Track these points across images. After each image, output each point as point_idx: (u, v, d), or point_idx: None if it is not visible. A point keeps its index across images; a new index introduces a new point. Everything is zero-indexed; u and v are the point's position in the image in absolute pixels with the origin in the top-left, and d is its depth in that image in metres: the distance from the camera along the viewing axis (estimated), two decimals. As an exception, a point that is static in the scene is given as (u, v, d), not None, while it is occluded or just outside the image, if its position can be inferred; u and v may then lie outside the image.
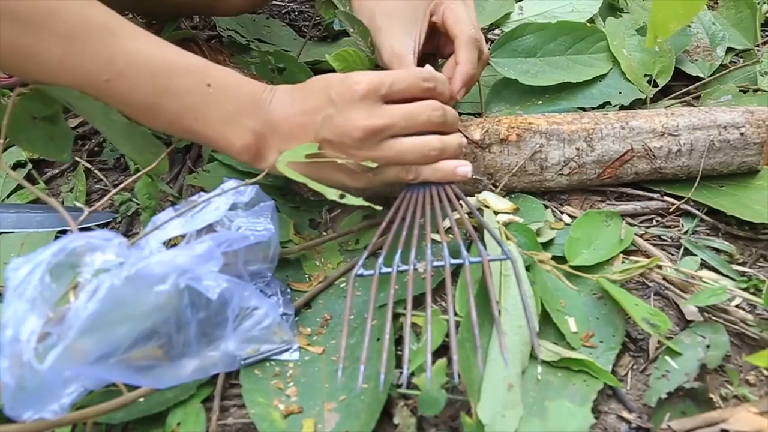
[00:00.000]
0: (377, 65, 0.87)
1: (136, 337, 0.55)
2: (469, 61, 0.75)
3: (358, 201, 0.60)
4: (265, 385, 0.60)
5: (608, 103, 0.93)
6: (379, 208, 0.68)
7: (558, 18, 1.02)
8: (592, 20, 1.06)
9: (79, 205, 0.83)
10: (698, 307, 0.66)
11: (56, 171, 0.91)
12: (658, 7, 0.88)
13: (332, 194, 0.58)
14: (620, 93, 0.94)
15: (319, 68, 0.93)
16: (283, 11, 1.33)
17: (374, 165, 0.65)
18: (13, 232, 0.76)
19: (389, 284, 0.61)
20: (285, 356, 0.63)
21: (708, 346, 0.62)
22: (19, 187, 0.85)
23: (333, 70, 0.77)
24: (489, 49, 0.94)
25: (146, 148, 0.72)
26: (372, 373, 0.60)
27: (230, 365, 0.61)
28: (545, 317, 0.64)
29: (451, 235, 0.71)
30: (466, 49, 0.75)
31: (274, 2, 1.35)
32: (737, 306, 0.67)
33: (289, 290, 0.69)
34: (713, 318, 0.66)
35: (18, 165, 0.89)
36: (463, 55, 0.75)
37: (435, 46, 0.82)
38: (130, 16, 1.02)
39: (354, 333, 0.65)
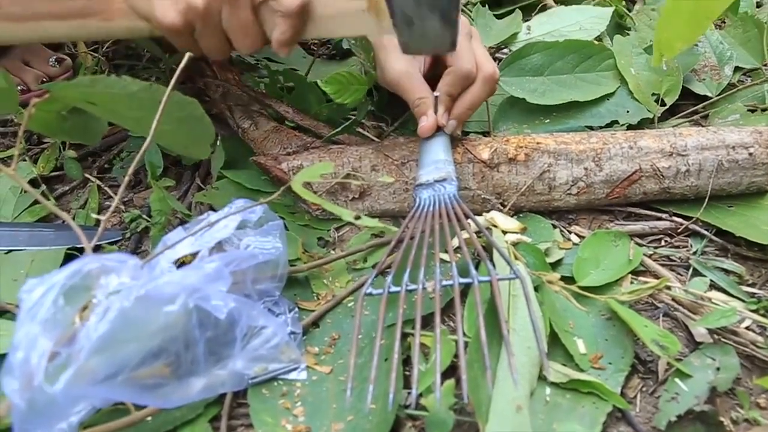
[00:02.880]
0: (375, 85, 0.88)
1: (144, 355, 0.55)
2: (447, 91, 0.77)
3: (373, 222, 0.60)
4: (273, 405, 0.60)
5: (616, 122, 0.93)
6: (394, 229, 0.68)
7: (566, 36, 1.03)
8: (599, 38, 1.06)
9: (94, 216, 0.84)
10: (708, 328, 0.66)
11: (66, 188, 0.92)
12: (663, 26, 0.88)
13: (348, 216, 0.58)
14: (628, 112, 0.94)
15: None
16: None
17: None
18: (24, 249, 0.76)
19: (398, 304, 0.61)
20: (293, 375, 0.63)
21: (718, 369, 0.62)
22: (31, 204, 0.86)
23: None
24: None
25: (195, 136, 0.74)
26: (380, 393, 0.59)
27: (238, 384, 0.61)
28: (554, 338, 0.64)
29: (459, 255, 0.71)
30: (448, 78, 0.77)
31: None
32: (747, 328, 0.66)
33: (297, 309, 0.69)
34: (723, 340, 0.65)
35: (31, 182, 0.90)
36: (444, 83, 0.77)
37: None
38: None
39: (362, 352, 0.65)
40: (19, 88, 1.08)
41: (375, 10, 0.69)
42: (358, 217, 0.58)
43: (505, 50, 1.09)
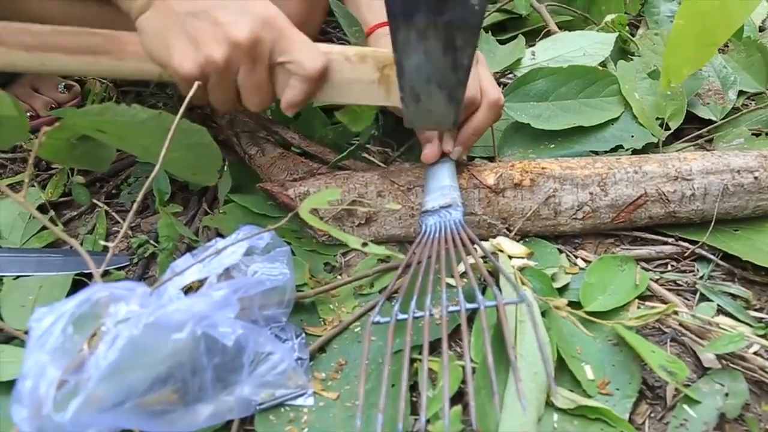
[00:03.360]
0: (382, 110, 0.89)
1: (152, 382, 0.55)
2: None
3: (379, 249, 0.60)
4: (280, 431, 0.60)
5: (620, 146, 0.93)
6: (401, 256, 0.68)
7: (570, 62, 1.03)
8: (603, 64, 1.07)
9: (102, 242, 0.84)
10: (716, 354, 0.65)
11: (74, 213, 0.92)
12: (671, 52, 0.89)
13: (354, 243, 0.59)
14: (632, 136, 0.94)
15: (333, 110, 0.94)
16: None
17: None
18: (32, 275, 0.77)
19: (405, 331, 0.61)
20: (299, 401, 0.63)
21: (727, 395, 0.62)
22: (39, 230, 0.86)
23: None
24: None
25: (203, 163, 0.75)
26: (387, 419, 0.59)
27: (245, 410, 0.61)
28: (561, 364, 0.64)
29: (466, 280, 0.71)
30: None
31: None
32: (755, 353, 0.66)
33: (303, 334, 0.69)
34: (731, 365, 0.65)
35: (39, 207, 0.90)
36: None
37: None
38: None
39: (369, 379, 0.65)
40: (28, 114, 1.09)
41: (385, 84, 0.72)
42: (365, 244, 0.59)
43: (510, 75, 1.10)
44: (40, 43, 0.72)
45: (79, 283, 0.76)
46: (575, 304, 0.71)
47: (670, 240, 0.81)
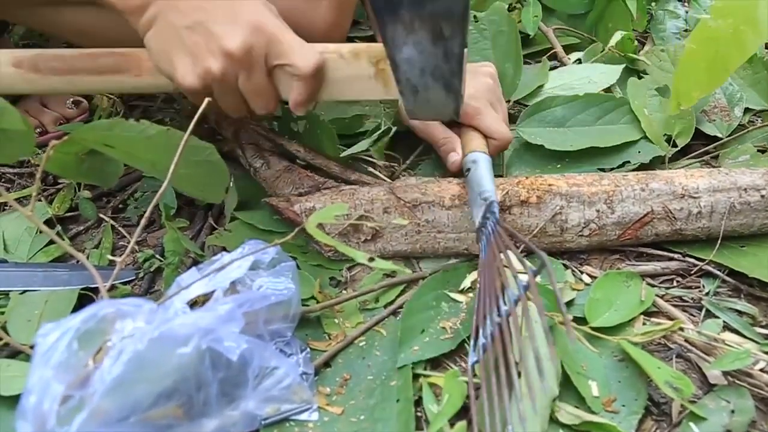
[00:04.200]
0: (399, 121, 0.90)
1: (157, 396, 0.55)
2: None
3: (387, 264, 0.60)
4: (285, 447, 0.60)
5: (627, 162, 0.93)
6: (407, 271, 0.68)
7: (575, 89, 1.04)
8: (609, 89, 1.08)
9: (109, 256, 0.84)
10: (722, 371, 0.65)
11: (81, 228, 0.93)
12: (681, 75, 0.89)
13: (361, 257, 0.59)
14: (639, 152, 0.94)
15: (340, 124, 0.95)
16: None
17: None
18: (38, 290, 0.77)
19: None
20: (304, 416, 0.63)
21: (733, 411, 0.61)
22: (46, 244, 0.87)
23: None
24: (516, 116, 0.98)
25: (210, 181, 0.76)
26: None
27: (250, 425, 0.61)
28: (566, 380, 0.64)
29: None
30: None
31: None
32: (761, 370, 0.66)
33: (308, 349, 0.69)
34: (737, 382, 0.65)
35: (46, 222, 0.91)
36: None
37: None
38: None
39: (373, 393, 0.65)
40: (37, 130, 1.09)
41: (382, 78, 0.73)
42: (371, 259, 0.59)
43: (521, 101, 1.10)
44: (69, 67, 0.77)
45: (85, 298, 0.77)
46: (580, 320, 0.71)
47: (676, 256, 0.81)
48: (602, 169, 0.92)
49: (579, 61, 1.20)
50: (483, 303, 0.63)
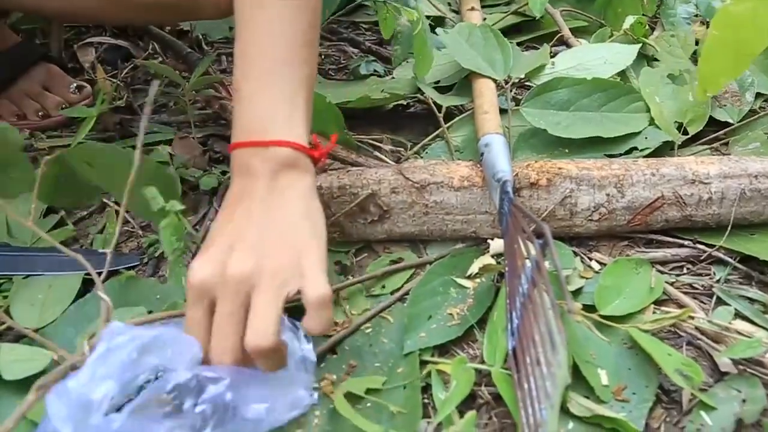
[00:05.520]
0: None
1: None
2: None
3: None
4: (289, 434, 0.59)
5: (635, 148, 0.92)
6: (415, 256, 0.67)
7: (590, 70, 1.02)
8: (623, 72, 1.06)
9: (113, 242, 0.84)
10: (733, 359, 0.64)
11: (84, 213, 0.92)
12: (706, 62, 0.88)
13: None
14: (646, 138, 0.93)
15: (347, 108, 0.93)
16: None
17: None
18: (42, 275, 0.76)
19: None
20: (307, 403, 0.62)
21: (744, 401, 0.61)
22: (53, 227, 0.86)
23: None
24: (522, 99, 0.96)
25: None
26: (401, 421, 0.59)
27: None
28: (575, 369, 0.63)
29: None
30: None
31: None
32: (773, 358, 0.65)
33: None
34: (748, 371, 0.64)
35: (50, 210, 0.90)
36: None
37: None
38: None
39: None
40: (39, 114, 1.09)
41: None
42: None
43: (528, 83, 1.08)
44: None
45: (88, 283, 0.76)
46: (590, 308, 0.70)
47: (686, 243, 0.80)
48: (610, 155, 0.91)
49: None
50: (511, 286, 0.63)
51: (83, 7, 0.92)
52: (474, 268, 0.74)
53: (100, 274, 0.62)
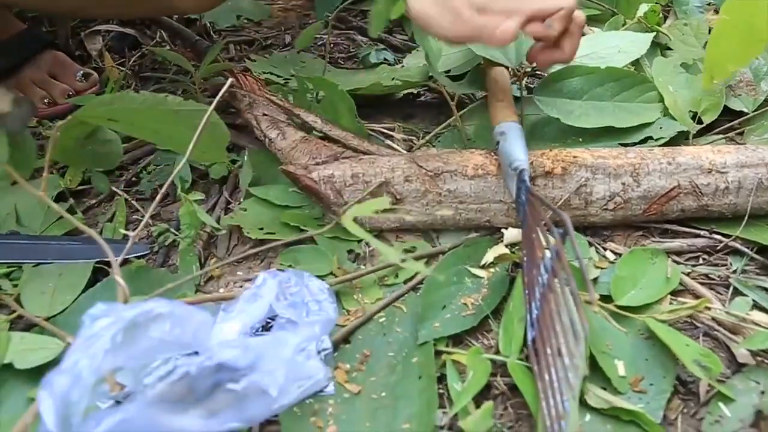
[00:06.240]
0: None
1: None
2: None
3: (419, 266, 0.58)
4: (305, 424, 0.59)
5: (650, 137, 0.91)
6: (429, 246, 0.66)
7: (604, 59, 1.00)
8: (637, 61, 1.05)
9: (122, 230, 0.83)
10: (750, 350, 0.64)
11: (93, 201, 0.91)
12: (714, 47, 0.86)
13: (393, 257, 0.56)
14: (660, 128, 0.92)
15: (357, 95, 0.93)
16: (319, 44, 1.34)
17: None
18: (52, 263, 0.76)
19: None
20: (323, 393, 0.61)
21: (763, 392, 0.60)
22: (59, 217, 0.85)
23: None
24: (534, 87, 0.94)
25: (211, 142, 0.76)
26: (414, 413, 0.58)
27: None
28: (591, 360, 0.62)
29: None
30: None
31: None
32: (791, 350, 0.64)
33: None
34: (766, 362, 0.63)
35: (59, 195, 0.89)
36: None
37: None
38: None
39: (395, 370, 0.63)
40: (45, 101, 1.08)
41: None
42: (404, 260, 0.56)
43: (540, 71, 1.07)
44: None
45: (99, 271, 0.76)
46: (606, 298, 0.69)
47: (702, 233, 0.79)
48: (624, 145, 0.90)
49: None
50: (530, 276, 0.62)
51: (63, 2, 0.92)
52: (488, 258, 0.73)
53: (109, 263, 0.61)
